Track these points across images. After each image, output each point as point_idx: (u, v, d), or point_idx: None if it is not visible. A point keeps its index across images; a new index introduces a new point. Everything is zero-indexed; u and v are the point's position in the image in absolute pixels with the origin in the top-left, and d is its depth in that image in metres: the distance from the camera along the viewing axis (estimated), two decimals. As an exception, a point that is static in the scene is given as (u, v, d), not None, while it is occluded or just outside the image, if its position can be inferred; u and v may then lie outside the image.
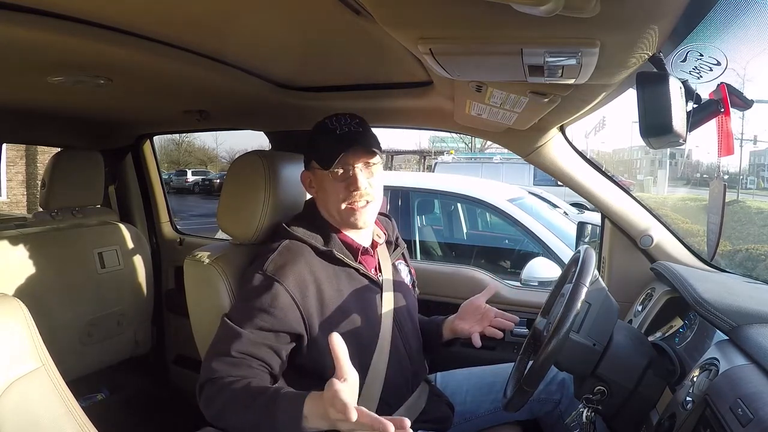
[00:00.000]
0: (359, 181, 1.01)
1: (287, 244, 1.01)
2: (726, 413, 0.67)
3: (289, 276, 0.95)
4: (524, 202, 3.04)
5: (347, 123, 1.04)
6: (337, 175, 1.02)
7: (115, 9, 0.78)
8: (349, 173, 1.02)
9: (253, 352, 0.90)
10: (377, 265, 1.11)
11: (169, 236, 2.12)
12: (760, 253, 5.98)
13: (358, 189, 1.01)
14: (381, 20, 0.63)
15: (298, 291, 0.95)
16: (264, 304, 0.92)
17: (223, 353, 0.90)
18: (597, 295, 0.95)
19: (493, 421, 1.20)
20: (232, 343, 0.90)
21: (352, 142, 1.01)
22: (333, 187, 1.02)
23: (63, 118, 1.74)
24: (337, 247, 1.03)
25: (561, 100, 0.90)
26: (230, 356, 0.89)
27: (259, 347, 0.91)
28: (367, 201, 1.03)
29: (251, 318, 0.92)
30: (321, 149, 1.03)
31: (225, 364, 0.89)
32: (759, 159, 21.64)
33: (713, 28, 0.63)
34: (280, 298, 0.93)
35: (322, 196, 1.06)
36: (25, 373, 0.79)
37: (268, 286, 0.93)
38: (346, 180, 1.02)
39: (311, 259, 1.00)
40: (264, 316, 0.92)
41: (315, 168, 1.06)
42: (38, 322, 0.84)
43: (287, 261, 0.97)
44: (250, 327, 0.91)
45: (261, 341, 0.91)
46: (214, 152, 30.09)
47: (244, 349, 0.90)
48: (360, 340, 1.00)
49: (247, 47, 1.01)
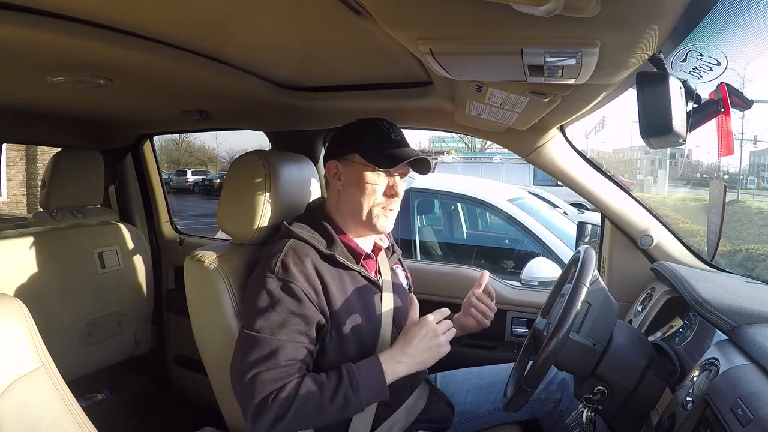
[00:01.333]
0: (399, 188, 1.05)
1: (292, 245, 1.00)
2: (726, 413, 0.67)
3: (298, 275, 0.95)
4: (524, 202, 3.04)
5: (396, 132, 1.07)
6: (382, 176, 1.03)
7: (115, 9, 0.78)
8: (394, 179, 1.05)
9: (297, 357, 0.91)
10: (377, 268, 1.12)
11: (169, 236, 2.12)
12: (760, 253, 5.98)
13: (397, 195, 1.05)
14: (381, 20, 0.63)
15: (311, 289, 0.95)
16: (290, 307, 0.92)
17: (271, 367, 0.88)
18: (597, 295, 0.94)
19: (493, 421, 1.20)
20: (277, 354, 0.89)
21: (411, 152, 1.03)
22: (373, 187, 1.03)
23: (63, 118, 1.74)
24: (339, 251, 1.03)
25: (561, 100, 0.91)
26: (280, 367, 0.88)
27: (301, 351, 0.91)
28: (396, 207, 1.07)
29: (283, 324, 0.91)
30: (374, 147, 1.03)
31: (278, 375, 0.88)
32: (759, 159, 21.64)
33: (713, 28, 0.63)
34: (300, 297, 0.93)
35: (352, 191, 1.05)
36: (25, 373, 0.78)
37: (286, 289, 0.93)
38: (388, 183, 1.04)
39: (316, 260, 0.99)
40: (295, 319, 0.92)
41: (357, 162, 1.04)
42: (38, 322, 0.84)
43: (295, 261, 0.96)
44: (286, 334, 0.91)
45: (300, 345, 0.92)
46: (214, 152, 30.10)
47: (290, 356, 0.90)
48: (362, 340, 1.00)
49: (247, 47, 1.01)
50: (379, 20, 0.63)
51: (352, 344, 0.99)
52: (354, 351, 0.99)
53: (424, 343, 0.94)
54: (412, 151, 1.04)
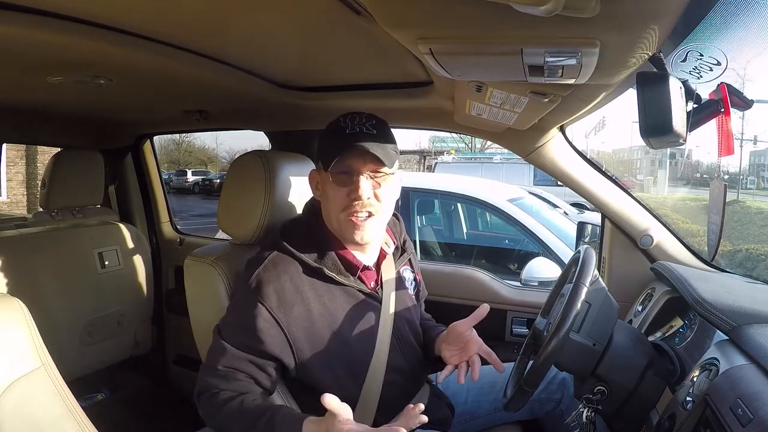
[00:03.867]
0: (361, 189, 0.91)
1: (274, 258, 0.95)
2: (726, 413, 0.67)
3: (271, 295, 0.91)
4: (524, 202, 3.04)
5: (360, 123, 0.94)
6: (338, 179, 0.93)
7: (115, 9, 0.78)
8: (352, 179, 0.92)
9: (237, 366, 0.91)
10: (379, 278, 1.04)
11: (169, 236, 2.12)
12: (760, 253, 5.98)
13: (359, 198, 0.91)
14: (381, 20, 0.63)
15: (281, 312, 0.91)
16: (247, 322, 0.91)
17: (212, 366, 0.92)
18: (597, 295, 0.94)
19: (493, 421, 1.20)
20: (219, 357, 0.91)
21: (357, 144, 0.90)
22: (333, 192, 0.94)
23: (63, 118, 1.74)
24: (330, 264, 0.96)
25: (561, 100, 0.90)
26: (218, 370, 0.91)
27: (243, 362, 0.91)
28: (370, 213, 0.94)
29: (235, 334, 0.92)
30: (326, 148, 0.96)
31: (215, 377, 0.91)
32: (759, 159, 21.63)
33: (713, 28, 0.63)
34: (260, 320, 0.90)
35: (324, 201, 0.98)
36: (25, 373, 0.78)
37: (251, 305, 0.91)
38: (348, 186, 0.93)
39: (297, 277, 0.94)
40: (246, 335, 0.91)
41: (321, 169, 0.98)
42: (38, 322, 0.84)
43: (270, 277, 0.92)
44: (233, 342, 0.91)
45: (244, 357, 0.91)
46: (214, 152, 30.08)
47: (229, 363, 0.90)
48: (352, 360, 0.97)
49: (247, 47, 1.01)
50: (379, 20, 0.63)
51: (337, 361, 0.95)
52: (341, 367, 0.96)
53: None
54: (357, 144, 0.90)
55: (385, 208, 0.97)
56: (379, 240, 1.05)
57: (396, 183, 0.99)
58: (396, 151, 0.97)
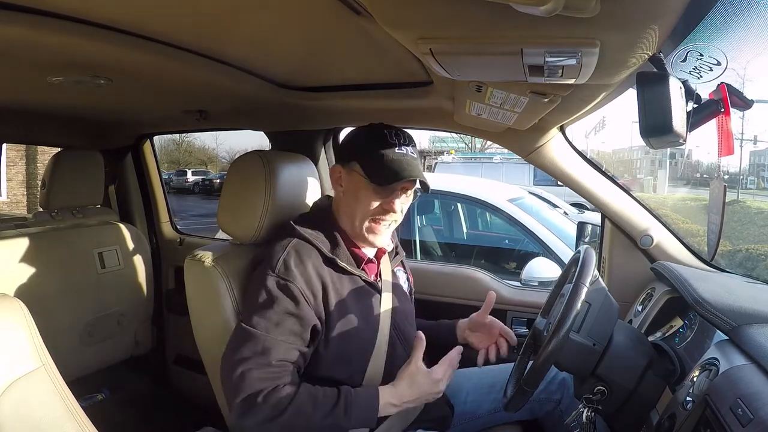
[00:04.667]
0: (396, 205, 1.02)
1: (295, 244, 1.00)
2: (726, 413, 0.67)
3: (299, 277, 0.95)
4: (524, 202, 3.03)
5: (405, 143, 1.03)
6: (379, 191, 1.01)
7: (116, 9, 0.78)
8: (390, 194, 1.01)
9: (289, 358, 0.91)
10: (378, 271, 1.11)
11: (169, 236, 2.12)
12: (760, 253, 5.97)
13: (394, 211, 1.02)
14: (381, 20, 0.63)
15: (309, 291, 0.95)
16: (288, 307, 0.92)
17: (263, 363, 0.88)
18: (597, 295, 0.94)
19: (493, 421, 1.20)
20: (270, 352, 0.89)
21: (411, 170, 0.99)
22: (367, 199, 1.01)
23: (63, 118, 1.74)
24: (342, 255, 1.02)
25: (561, 100, 0.90)
26: (271, 366, 0.88)
27: (293, 352, 0.91)
28: (392, 222, 1.04)
29: (279, 323, 0.91)
30: (374, 159, 1.00)
31: (268, 374, 0.88)
32: (759, 159, 21.64)
33: (713, 28, 0.63)
34: (298, 298, 0.93)
35: (349, 200, 1.04)
36: (25, 373, 0.78)
37: (284, 288, 0.93)
38: (384, 199, 1.01)
39: (317, 262, 0.99)
40: (290, 319, 0.92)
41: (357, 172, 1.02)
42: (38, 322, 0.84)
43: (296, 261, 0.96)
44: (281, 334, 0.91)
45: (293, 346, 0.91)
46: (214, 152, 30.10)
47: (282, 356, 0.90)
48: (359, 342, 1.01)
49: (247, 47, 1.01)
50: (379, 20, 0.63)
51: (348, 346, 0.99)
52: (351, 353, 1.00)
53: (423, 394, 0.95)
54: (412, 170, 1.00)
55: (402, 216, 1.07)
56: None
57: None
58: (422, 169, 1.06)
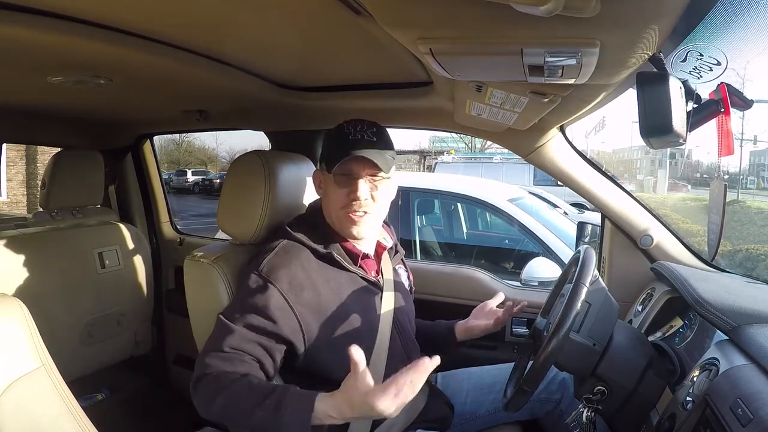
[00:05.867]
0: (359, 191, 1.00)
1: (284, 245, 1.01)
2: (726, 413, 0.67)
3: (283, 278, 0.95)
4: (524, 202, 3.04)
5: (362, 130, 1.03)
6: (340, 181, 1.02)
7: (115, 9, 0.78)
8: (352, 181, 1.01)
9: (244, 347, 0.91)
10: (378, 268, 1.11)
11: (169, 236, 2.12)
12: (760, 253, 5.97)
13: (357, 199, 1.00)
14: (381, 20, 0.63)
15: (292, 293, 0.94)
16: (257, 304, 0.92)
17: (215, 349, 0.91)
18: (597, 295, 0.94)
19: (493, 421, 1.20)
20: (224, 339, 0.91)
21: (359, 151, 0.99)
22: (334, 192, 1.03)
23: (63, 118, 1.74)
24: (336, 251, 1.03)
25: (561, 100, 0.90)
26: (222, 351, 0.90)
27: (251, 344, 0.91)
28: (365, 212, 1.02)
29: (244, 316, 0.92)
30: (329, 151, 1.04)
31: (218, 359, 0.89)
32: (759, 159, 21.65)
33: (713, 28, 0.63)
34: (273, 301, 0.93)
35: (325, 198, 1.07)
36: (25, 373, 0.78)
37: (262, 288, 0.94)
38: (348, 187, 1.02)
39: (307, 262, 1.00)
40: (256, 317, 0.92)
41: (322, 169, 1.07)
42: (38, 322, 0.84)
43: (282, 262, 0.97)
44: (241, 324, 0.92)
45: (253, 339, 0.91)
46: (214, 152, 30.09)
47: (236, 344, 0.90)
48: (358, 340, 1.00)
49: (247, 47, 1.01)
50: (379, 20, 0.63)
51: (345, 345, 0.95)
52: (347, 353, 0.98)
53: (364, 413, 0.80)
54: (362, 151, 0.98)
55: (380, 207, 1.06)
56: (374, 235, 1.12)
57: (391, 185, 1.08)
58: (393, 156, 1.06)
